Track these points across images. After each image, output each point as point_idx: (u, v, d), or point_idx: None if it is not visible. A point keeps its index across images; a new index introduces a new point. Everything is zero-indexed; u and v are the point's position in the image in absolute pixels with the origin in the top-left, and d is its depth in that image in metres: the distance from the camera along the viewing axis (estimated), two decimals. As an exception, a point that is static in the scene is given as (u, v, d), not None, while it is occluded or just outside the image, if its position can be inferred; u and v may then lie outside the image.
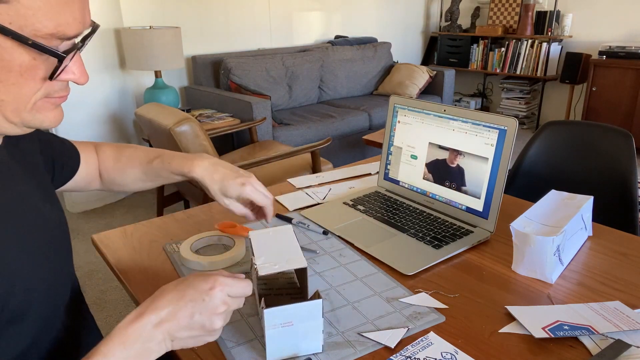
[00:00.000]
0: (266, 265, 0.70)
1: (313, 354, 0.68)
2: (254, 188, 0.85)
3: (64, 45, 0.52)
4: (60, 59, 0.51)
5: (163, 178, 0.90)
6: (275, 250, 0.74)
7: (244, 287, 0.61)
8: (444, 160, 1.09)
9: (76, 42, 0.54)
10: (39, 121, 0.55)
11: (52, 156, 0.79)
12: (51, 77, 0.52)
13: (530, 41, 4.50)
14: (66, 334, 0.66)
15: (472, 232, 1.01)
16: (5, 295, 0.54)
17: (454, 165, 1.07)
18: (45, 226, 0.64)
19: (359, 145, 3.61)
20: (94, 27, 0.57)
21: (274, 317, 0.64)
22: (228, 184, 0.83)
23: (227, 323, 0.61)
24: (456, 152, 1.06)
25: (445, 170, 1.09)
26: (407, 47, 5.28)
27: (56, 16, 0.49)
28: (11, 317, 0.55)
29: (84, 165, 0.89)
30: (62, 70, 0.53)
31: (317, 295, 0.66)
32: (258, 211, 0.91)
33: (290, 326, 0.65)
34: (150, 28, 3.12)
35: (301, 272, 0.76)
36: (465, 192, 1.05)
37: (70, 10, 0.50)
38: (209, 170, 0.84)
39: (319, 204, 1.19)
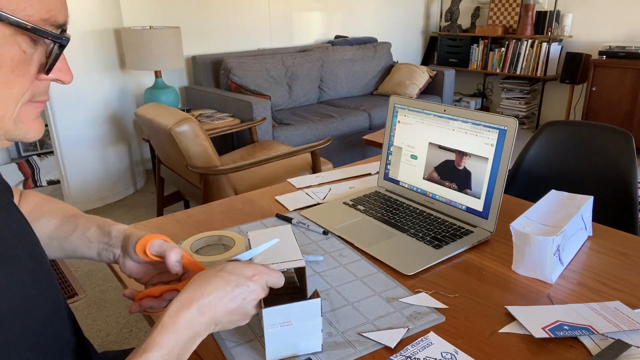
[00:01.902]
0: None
1: (312, 353, 0.68)
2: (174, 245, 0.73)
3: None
4: (63, 43, 0.48)
5: (73, 238, 0.74)
6: (274, 250, 0.74)
7: (279, 278, 0.64)
8: (450, 161, 1.09)
9: (63, 36, 0.50)
10: (23, 132, 0.51)
11: None
12: (50, 68, 0.49)
13: (530, 41, 4.50)
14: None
15: (472, 232, 1.01)
16: None
17: (461, 168, 1.06)
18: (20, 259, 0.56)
19: (359, 145, 3.61)
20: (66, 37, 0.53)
21: (273, 316, 0.64)
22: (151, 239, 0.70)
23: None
24: (462, 155, 1.06)
25: (451, 172, 1.09)
26: (407, 47, 5.28)
27: (45, 1, 0.47)
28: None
29: None
30: (55, 62, 0.50)
31: (315, 295, 0.66)
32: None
33: (289, 325, 0.65)
34: (150, 28, 3.12)
35: (300, 272, 0.76)
36: (466, 192, 1.05)
37: None
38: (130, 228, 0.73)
39: (319, 204, 1.19)
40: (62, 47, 0.49)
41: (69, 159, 2.93)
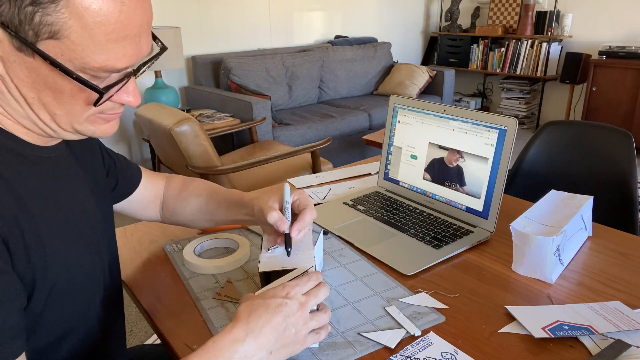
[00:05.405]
0: (267, 262, 0.71)
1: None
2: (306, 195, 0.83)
3: (116, 75, 0.55)
4: (100, 94, 0.53)
5: (222, 209, 0.87)
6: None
7: (313, 281, 0.64)
8: (442, 159, 1.09)
9: (131, 70, 0.56)
10: (90, 132, 0.59)
11: (111, 169, 0.81)
12: (95, 104, 0.55)
13: (530, 41, 4.50)
14: (98, 326, 0.68)
15: (472, 232, 1.01)
16: (51, 276, 0.57)
17: (453, 166, 1.07)
18: (87, 221, 0.66)
19: (359, 145, 3.61)
20: (160, 51, 0.60)
21: None
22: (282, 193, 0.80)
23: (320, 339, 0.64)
24: (456, 153, 1.06)
25: (444, 170, 1.09)
26: (407, 47, 5.28)
27: (105, 53, 0.51)
28: (56, 297, 0.58)
29: (143, 188, 0.89)
30: (106, 99, 0.56)
31: None
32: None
33: None
34: (150, 28, 3.12)
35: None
36: (465, 192, 1.05)
37: (121, 47, 0.52)
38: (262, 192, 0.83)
39: (319, 204, 1.19)
40: (100, 94, 0.54)
41: (69, 159, 2.92)
